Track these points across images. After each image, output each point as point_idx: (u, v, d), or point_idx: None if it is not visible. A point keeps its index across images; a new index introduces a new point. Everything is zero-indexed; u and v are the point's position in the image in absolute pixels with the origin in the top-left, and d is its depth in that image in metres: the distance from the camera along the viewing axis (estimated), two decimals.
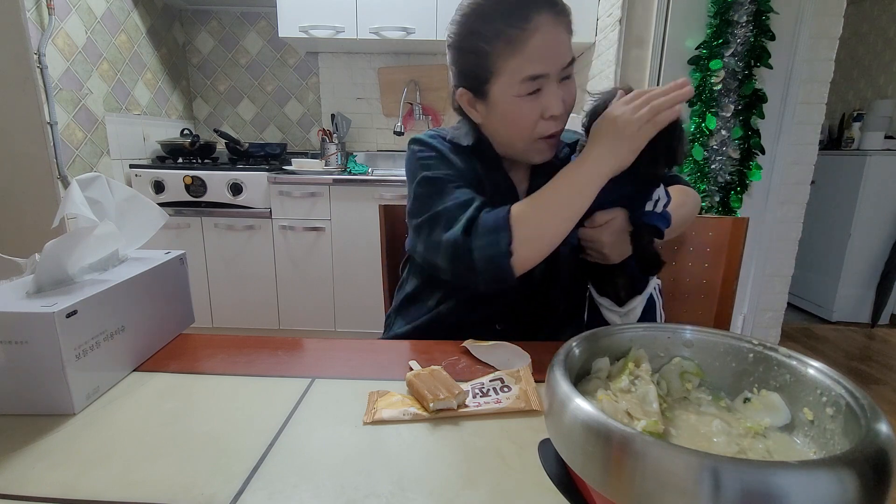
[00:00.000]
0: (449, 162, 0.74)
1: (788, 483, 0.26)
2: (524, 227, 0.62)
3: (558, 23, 0.65)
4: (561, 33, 0.66)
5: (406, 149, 0.80)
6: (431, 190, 0.70)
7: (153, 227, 0.67)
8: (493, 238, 0.61)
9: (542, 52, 0.64)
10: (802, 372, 0.40)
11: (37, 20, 1.70)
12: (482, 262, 0.62)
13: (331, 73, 2.66)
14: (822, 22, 1.79)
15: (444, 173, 0.71)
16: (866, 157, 2.55)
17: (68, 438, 0.46)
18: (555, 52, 0.65)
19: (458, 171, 0.74)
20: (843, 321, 2.74)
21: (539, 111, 0.67)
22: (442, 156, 0.75)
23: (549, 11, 0.64)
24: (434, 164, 0.73)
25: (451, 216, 0.65)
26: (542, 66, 0.65)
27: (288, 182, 2.12)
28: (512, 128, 0.70)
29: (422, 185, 0.71)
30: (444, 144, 0.77)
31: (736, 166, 1.80)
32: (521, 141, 0.71)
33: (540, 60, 0.64)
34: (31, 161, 1.76)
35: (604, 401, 0.40)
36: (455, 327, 0.75)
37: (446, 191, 0.69)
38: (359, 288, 2.22)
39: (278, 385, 0.56)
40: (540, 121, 0.68)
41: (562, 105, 0.67)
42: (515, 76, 0.65)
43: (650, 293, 0.74)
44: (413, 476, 0.41)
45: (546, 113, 0.67)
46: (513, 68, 0.65)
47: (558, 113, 0.67)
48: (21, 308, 0.47)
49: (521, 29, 0.63)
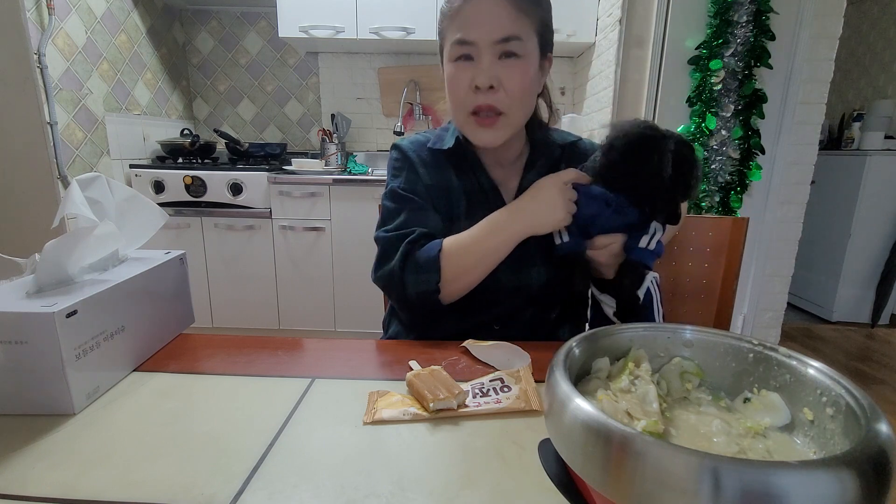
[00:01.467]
0: (416, 175, 0.78)
1: (788, 483, 0.26)
2: (451, 269, 0.68)
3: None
4: (498, 5, 0.66)
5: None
6: (392, 205, 0.76)
7: (153, 227, 0.67)
8: (425, 277, 0.68)
9: (471, 20, 0.67)
10: (802, 372, 0.40)
11: (37, 20, 1.70)
12: (414, 296, 0.69)
13: (331, 73, 2.66)
14: (822, 22, 1.79)
15: (408, 188, 0.76)
16: (866, 157, 2.55)
17: (68, 438, 0.46)
18: (484, 22, 0.67)
19: (425, 185, 0.76)
20: (843, 321, 2.74)
21: (469, 79, 0.69)
22: (412, 167, 0.78)
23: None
24: (403, 175, 0.78)
25: (391, 247, 0.71)
26: (468, 32, 0.67)
27: (288, 182, 2.12)
28: (451, 95, 0.72)
29: (387, 197, 0.78)
30: (421, 153, 0.80)
31: (736, 166, 1.80)
32: (458, 112, 0.73)
33: (467, 27, 0.67)
34: (31, 161, 1.76)
35: (604, 401, 0.40)
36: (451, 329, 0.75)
37: (400, 210, 0.75)
38: (359, 288, 2.22)
39: (278, 385, 0.56)
40: (469, 92, 0.69)
41: (489, 79, 0.68)
42: (449, 39, 0.69)
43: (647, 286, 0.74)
44: (413, 476, 0.41)
45: (472, 82, 0.69)
46: (450, 31, 0.69)
47: (482, 85, 0.68)
48: (21, 308, 0.47)
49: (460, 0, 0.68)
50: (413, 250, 0.70)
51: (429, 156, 0.80)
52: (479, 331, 0.73)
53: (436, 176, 0.78)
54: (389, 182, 0.79)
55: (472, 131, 0.73)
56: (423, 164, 0.79)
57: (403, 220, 0.73)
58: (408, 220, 0.73)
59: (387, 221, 0.75)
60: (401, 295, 0.70)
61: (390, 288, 0.71)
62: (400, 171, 0.79)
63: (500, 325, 0.78)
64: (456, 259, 0.69)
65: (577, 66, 2.54)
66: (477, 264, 0.69)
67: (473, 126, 0.72)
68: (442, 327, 0.75)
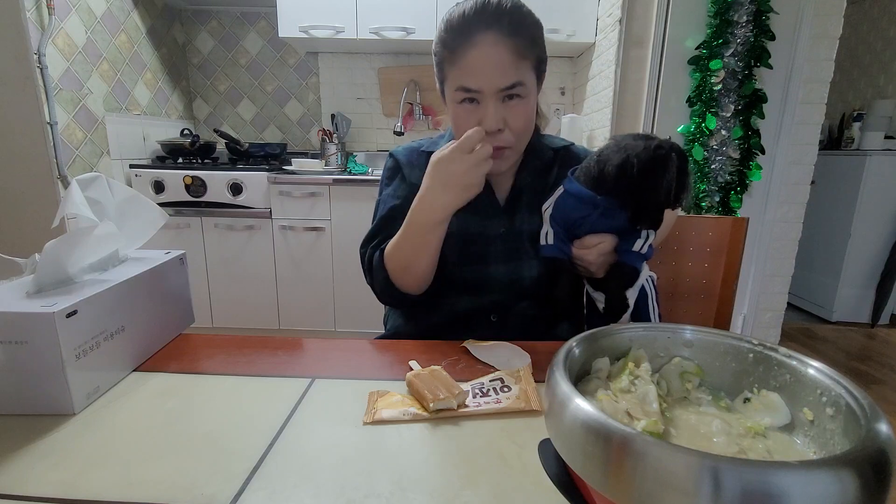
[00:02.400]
0: (405, 182, 0.82)
1: (788, 483, 0.26)
2: (393, 264, 0.74)
3: (501, 44, 0.66)
4: (502, 54, 0.66)
5: None
6: (378, 211, 0.83)
7: (153, 227, 0.67)
8: (378, 274, 0.76)
9: (475, 69, 0.67)
10: (802, 372, 0.40)
11: (37, 20, 1.70)
12: (379, 291, 0.79)
13: (331, 73, 2.66)
14: (822, 22, 1.79)
15: (394, 194, 0.81)
16: (866, 157, 2.55)
17: (68, 438, 0.46)
18: (488, 73, 0.67)
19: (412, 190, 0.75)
20: (843, 321, 2.74)
21: (476, 121, 0.70)
22: (402, 176, 0.83)
23: (495, 31, 0.66)
24: (394, 184, 0.83)
25: (363, 249, 0.81)
26: (473, 80, 0.68)
27: (288, 182, 2.12)
28: (457, 131, 0.73)
29: (377, 203, 0.85)
30: (412, 158, 0.83)
31: (736, 166, 1.80)
32: None
33: (472, 75, 0.68)
34: (31, 161, 1.76)
35: (604, 401, 0.40)
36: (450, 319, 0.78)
37: (377, 216, 0.82)
38: (359, 288, 2.20)
39: (278, 385, 0.56)
40: None
41: (496, 123, 0.69)
42: (453, 84, 0.70)
43: (642, 284, 0.75)
44: (413, 476, 0.41)
45: (479, 125, 0.68)
46: (452, 76, 0.70)
47: (490, 129, 0.68)
48: (21, 308, 0.47)
49: (460, 44, 0.68)
50: (369, 255, 0.79)
51: (422, 159, 0.81)
52: (476, 319, 0.79)
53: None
54: (381, 188, 0.86)
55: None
56: (415, 167, 0.82)
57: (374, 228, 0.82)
58: (378, 230, 0.81)
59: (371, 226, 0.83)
60: (375, 293, 0.80)
61: (368, 283, 0.81)
62: (390, 180, 0.84)
63: (496, 317, 0.80)
64: (394, 256, 0.74)
65: (577, 66, 2.54)
66: (412, 256, 0.72)
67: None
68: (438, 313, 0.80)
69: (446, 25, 0.70)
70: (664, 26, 1.77)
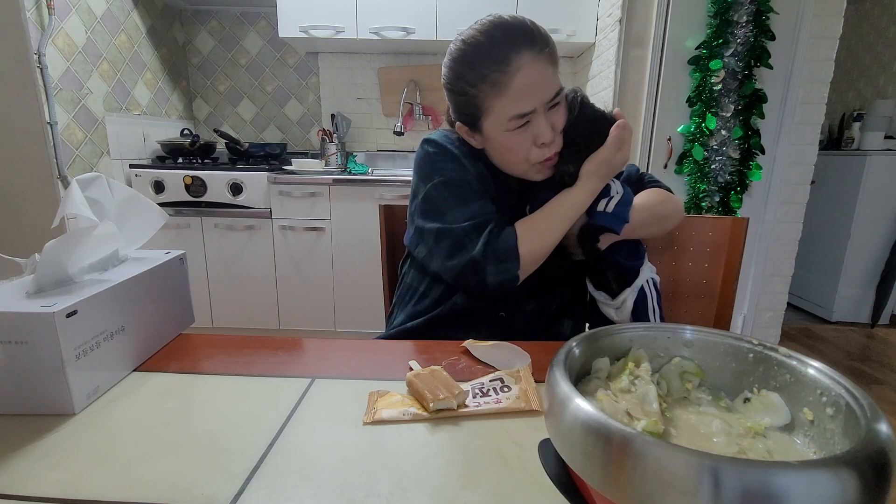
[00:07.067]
0: (463, 166, 0.75)
1: (788, 483, 0.26)
2: (529, 254, 0.69)
3: (539, 59, 0.66)
4: (543, 68, 0.67)
5: (416, 149, 0.81)
6: (448, 195, 0.73)
7: (153, 227, 0.67)
8: (505, 266, 0.69)
9: (526, 91, 0.66)
10: (802, 372, 0.40)
11: (37, 20, 1.70)
12: (494, 284, 0.69)
13: (331, 73, 2.66)
14: (822, 22, 1.79)
15: (460, 178, 0.74)
16: (866, 157, 2.55)
17: (68, 438, 0.46)
18: (539, 89, 0.67)
19: (472, 175, 0.76)
20: (843, 321, 2.74)
21: (531, 140, 0.70)
22: (457, 158, 0.76)
23: (528, 50, 0.66)
24: (450, 167, 0.75)
25: (465, 237, 0.70)
26: (527, 104, 0.67)
27: (288, 182, 2.12)
28: (508, 156, 0.73)
29: (438, 188, 0.74)
30: (458, 147, 0.78)
31: (736, 166, 1.81)
32: (517, 166, 0.74)
33: (525, 99, 0.67)
34: (31, 161, 1.76)
35: (604, 401, 0.40)
36: (457, 317, 0.77)
37: (462, 200, 0.73)
38: (359, 288, 2.22)
39: (278, 385, 0.56)
40: (533, 148, 0.70)
41: (551, 133, 0.69)
42: (503, 115, 0.68)
43: (641, 285, 0.75)
44: (413, 476, 0.41)
45: (537, 141, 0.69)
46: (500, 108, 0.68)
47: (548, 140, 0.69)
48: (21, 308, 0.47)
49: (503, 72, 0.66)
50: (492, 240, 0.70)
51: (464, 150, 0.78)
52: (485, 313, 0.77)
53: (475, 167, 0.77)
54: (431, 175, 0.75)
55: (537, 173, 0.74)
56: (463, 155, 0.77)
57: (474, 210, 0.72)
58: (476, 210, 0.72)
59: (444, 212, 0.73)
60: (479, 283, 0.70)
61: (465, 277, 0.71)
62: (444, 163, 0.76)
63: (505, 313, 0.79)
64: (534, 243, 0.70)
65: (577, 66, 2.54)
66: (550, 245, 0.71)
67: (539, 170, 0.74)
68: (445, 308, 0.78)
69: (476, 60, 0.67)
70: (664, 26, 1.77)
